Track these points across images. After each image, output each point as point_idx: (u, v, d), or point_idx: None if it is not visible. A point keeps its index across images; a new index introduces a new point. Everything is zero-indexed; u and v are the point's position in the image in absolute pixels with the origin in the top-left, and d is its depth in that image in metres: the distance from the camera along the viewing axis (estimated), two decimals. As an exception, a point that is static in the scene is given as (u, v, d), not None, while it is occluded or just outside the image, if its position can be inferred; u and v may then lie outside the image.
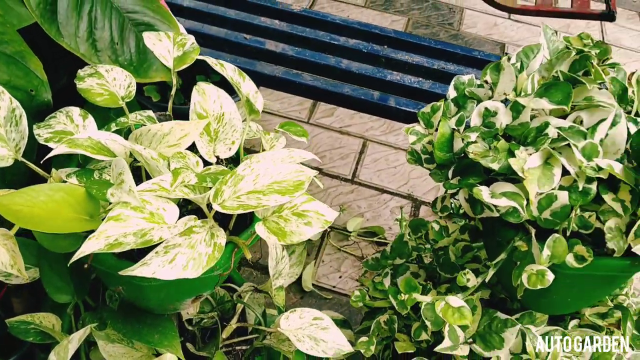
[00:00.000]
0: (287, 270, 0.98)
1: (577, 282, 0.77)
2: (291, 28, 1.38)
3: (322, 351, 0.91)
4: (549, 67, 0.78)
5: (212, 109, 0.75)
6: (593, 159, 0.70)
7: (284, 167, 0.68)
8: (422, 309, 0.93)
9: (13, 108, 0.72)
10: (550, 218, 0.70)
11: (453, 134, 0.76)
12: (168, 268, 0.64)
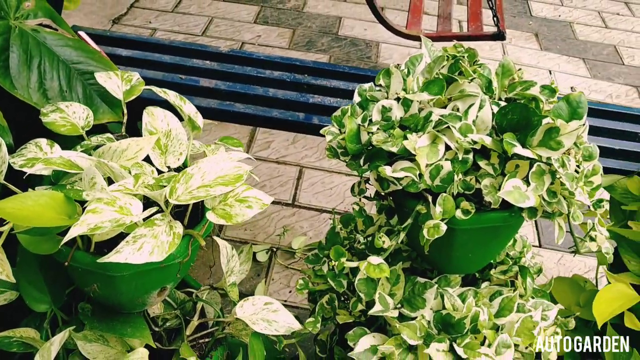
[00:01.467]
0: (237, 267, 1.13)
1: (473, 237, 0.95)
2: (221, 66, 1.56)
3: (274, 330, 1.06)
4: (429, 69, 0.98)
5: (161, 126, 0.91)
6: (468, 135, 0.89)
7: (225, 164, 0.84)
8: (356, 284, 1.09)
9: (-9, 141, 0.86)
10: (440, 184, 0.89)
11: (359, 128, 0.94)
12: (137, 254, 0.79)
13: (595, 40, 3.61)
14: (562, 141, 0.84)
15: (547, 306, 1.13)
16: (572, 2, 4.02)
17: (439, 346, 1.03)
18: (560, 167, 0.84)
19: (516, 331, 1.09)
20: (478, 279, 1.21)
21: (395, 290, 1.09)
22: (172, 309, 1.11)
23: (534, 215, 0.90)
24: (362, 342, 1.08)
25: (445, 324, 1.07)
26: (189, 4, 3.43)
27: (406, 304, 1.09)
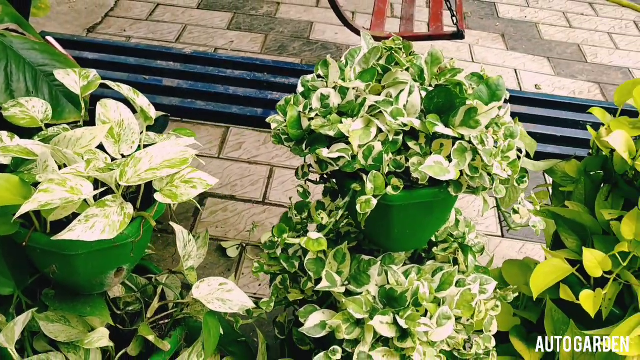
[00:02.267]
0: (195, 252, 1.20)
1: (407, 213, 1.03)
2: (184, 67, 1.63)
3: (228, 308, 1.13)
4: (365, 60, 1.06)
5: (114, 117, 0.97)
6: (398, 118, 0.97)
7: (172, 149, 0.91)
8: (306, 264, 1.17)
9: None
10: (373, 163, 0.96)
11: (299, 115, 1.01)
12: (90, 232, 0.85)
13: (560, 40, 3.72)
14: (479, 120, 0.92)
15: (485, 280, 1.21)
16: (538, 4, 4.14)
17: (382, 319, 1.11)
18: (480, 144, 0.92)
19: (456, 304, 1.16)
20: (424, 258, 1.29)
21: (342, 268, 1.16)
22: (133, 293, 1.17)
23: (459, 189, 0.97)
24: (312, 318, 1.15)
25: (390, 298, 1.14)
26: (163, 12, 3.50)
27: (353, 281, 1.16)
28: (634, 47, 3.73)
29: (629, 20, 4.05)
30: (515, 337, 1.38)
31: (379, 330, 1.10)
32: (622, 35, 3.85)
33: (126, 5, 3.53)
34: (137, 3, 3.56)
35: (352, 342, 1.14)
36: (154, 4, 3.57)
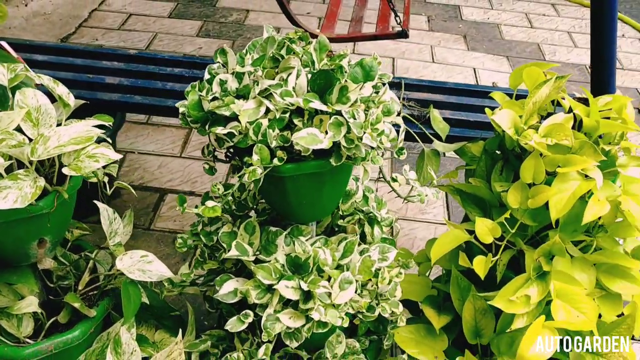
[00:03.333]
0: (121, 229, 1.31)
1: (301, 184, 1.15)
2: (128, 66, 1.75)
3: (148, 277, 1.24)
4: (262, 49, 1.18)
5: (31, 103, 1.09)
6: (285, 98, 1.09)
7: (79, 128, 1.03)
8: (220, 236, 1.28)
9: None
10: (262, 138, 1.08)
11: (200, 99, 1.13)
12: (2, 202, 0.97)
13: (520, 40, 3.85)
14: (350, 97, 1.04)
15: (387, 249, 1.32)
16: (501, 6, 4.28)
17: (287, 283, 1.22)
18: (351, 118, 1.04)
19: (358, 270, 1.28)
20: (335, 232, 1.41)
21: (253, 239, 1.28)
22: (64, 266, 1.29)
23: (339, 159, 1.09)
24: (226, 285, 1.27)
25: (296, 265, 1.26)
26: (135, 21, 3.63)
27: (263, 251, 1.28)
28: (592, 44, 3.84)
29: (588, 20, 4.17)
30: (426, 305, 1.49)
31: (284, 293, 1.21)
32: (581, 34, 3.97)
33: (100, 15, 3.66)
34: (110, 13, 3.70)
35: (264, 306, 1.26)
36: (127, 14, 3.71)
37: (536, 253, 1.25)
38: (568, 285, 1.27)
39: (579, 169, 1.22)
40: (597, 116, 1.31)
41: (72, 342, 1.22)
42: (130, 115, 2.84)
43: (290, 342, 1.27)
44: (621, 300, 1.35)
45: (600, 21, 1.56)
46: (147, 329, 1.47)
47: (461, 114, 1.66)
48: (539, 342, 1.23)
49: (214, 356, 1.43)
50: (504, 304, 1.27)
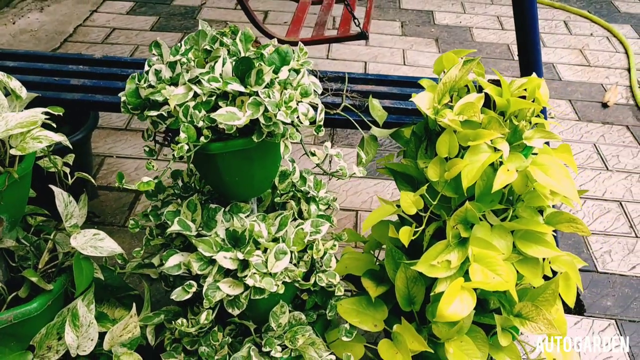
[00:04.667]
0: (77, 212, 1.43)
1: (230, 161, 1.27)
2: (92, 69, 1.89)
3: (99, 252, 1.36)
4: (195, 42, 1.31)
5: (-15, 95, 1.22)
6: (211, 83, 1.21)
7: (25, 114, 1.16)
8: (164, 215, 1.40)
9: None
10: (190, 119, 1.20)
11: (137, 87, 1.26)
12: (-44, 179, 1.10)
13: (490, 41, 3.98)
14: (264, 78, 1.16)
15: (320, 223, 1.44)
16: (473, 10, 4.42)
17: (225, 254, 1.34)
18: (266, 97, 1.16)
19: (292, 241, 1.39)
20: (276, 210, 1.52)
21: (196, 216, 1.40)
22: (24, 246, 1.41)
23: (261, 136, 1.22)
24: (171, 259, 1.39)
25: (235, 239, 1.38)
26: (118, 35, 3.79)
27: (205, 227, 1.40)
28: (561, 44, 3.98)
29: (560, 21, 4.31)
30: (366, 278, 1.60)
31: (223, 263, 1.33)
32: (550, 34, 4.11)
33: (84, 30, 3.82)
34: (95, 28, 3.86)
35: (205, 277, 1.37)
36: (110, 28, 3.86)
37: (452, 220, 1.36)
38: (486, 251, 1.38)
39: (487, 141, 1.33)
40: (508, 95, 1.43)
41: (30, 313, 1.33)
42: (109, 121, 2.98)
43: (232, 310, 1.38)
44: (539, 264, 1.46)
45: (521, 10, 1.68)
46: (107, 307, 1.59)
47: (400, 102, 1.78)
48: (458, 301, 1.34)
49: (169, 330, 1.55)
50: (426, 268, 1.38)
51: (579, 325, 2.09)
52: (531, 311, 1.48)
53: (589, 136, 3.08)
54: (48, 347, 1.41)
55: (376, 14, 4.27)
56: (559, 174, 1.34)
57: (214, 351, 1.47)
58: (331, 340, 1.61)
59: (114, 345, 1.46)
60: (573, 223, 1.41)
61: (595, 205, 2.62)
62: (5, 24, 3.83)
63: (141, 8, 4.15)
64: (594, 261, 2.35)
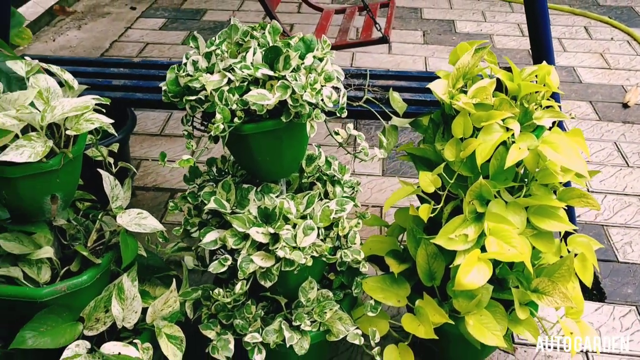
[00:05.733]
0: (122, 194, 1.57)
1: (262, 141, 1.39)
2: (131, 71, 2.04)
3: (142, 229, 1.49)
4: (228, 35, 1.44)
5: (42, 85, 1.37)
6: (244, 70, 1.34)
7: (78, 100, 1.30)
8: (202, 195, 1.53)
9: None
10: (225, 102, 1.33)
11: (177, 76, 1.39)
12: (19, 156, 1.23)
13: (511, 47, 4.07)
14: (291, 63, 1.29)
15: (345, 201, 1.55)
16: (494, 18, 4.51)
17: (258, 229, 1.46)
18: (293, 80, 1.28)
19: (319, 218, 1.50)
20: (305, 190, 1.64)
21: (230, 196, 1.52)
22: (74, 224, 1.55)
23: (289, 117, 1.33)
24: (208, 236, 1.51)
25: (266, 215, 1.49)
26: (152, 49, 3.98)
27: (238, 205, 1.52)
28: (581, 48, 4.05)
29: (580, 27, 4.38)
30: (389, 257, 1.70)
31: (256, 237, 1.45)
32: (571, 40, 4.18)
33: (119, 45, 4.02)
34: (129, 43, 4.06)
35: (240, 251, 1.49)
36: (144, 43, 4.06)
37: (468, 195, 1.46)
38: (501, 225, 1.47)
39: (498, 121, 1.43)
40: (519, 80, 1.53)
41: (81, 284, 1.46)
42: (145, 128, 3.15)
43: (265, 282, 1.49)
44: (552, 237, 1.54)
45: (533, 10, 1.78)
46: (149, 286, 1.71)
47: (419, 95, 1.89)
48: (475, 271, 1.43)
49: (206, 307, 1.66)
50: (444, 241, 1.48)
51: (600, 311, 2.14)
52: (547, 286, 1.56)
53: (610, 135, 3.14)
54: (96, 319, 1.53)
55: (398, 24, 4.40)
56: (569, 151, 1.43)
57: (247, 324, 1.57)
58: (357, 317, 1.70)
59: (155, 318, 1.58)
60: (584, 198, 1.50)
61: (616, 199, 2.68)
62: (46, 41, 4.06)
63: (173, 24, 4.35)
64: (614, 252, 2.40)
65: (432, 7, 4.72)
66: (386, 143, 1.69)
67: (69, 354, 1.44)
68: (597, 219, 2.56)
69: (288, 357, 1.66)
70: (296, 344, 1.58)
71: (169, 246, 1.68)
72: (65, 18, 4.44)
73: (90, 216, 1.60)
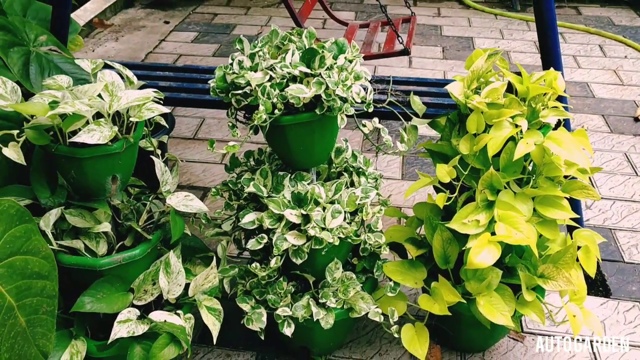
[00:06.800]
0: (170, 179, 1.76)
1: (298, 132, 1.57)
2: (175, 74, 2.25)
3: (189, 209, 1.68)
4: (269, 39, 1.64)
5: (108, 79, 1.57)
6: (283, 68, 1.53)
7: (140, 92, 1.50)
8: (242, 181, 1.71)
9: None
10: (267, 96, 1.52)
11: (224, 74, 1.59)
12: (90, 138, 1.43)
13: (527, 63, 4.24)
14: (326, 62, 1.48)
15: (369, 189, 1.72)
16: (511, 36, 4.69)
17: (291, 211, 1.64)
18: (327, 77, 1.47)
19: (346, 203, 1.68)
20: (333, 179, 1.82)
21: (267, 182, 1.71)
22: (129, 205, 1.74)
23: (322, 110, 1.52)
24: (247, 217, 1.69)
25: (298, 200, 1.67)
26: (184, 60, 4.21)
27: (274, 190, 1.70)
28: (595, 65, 4.21)
29: (595, 45, 4.54)
30: (408, 243, 1.87)
31: (289, 218, 1.63)
32: (586, 57, 4.34)
33: (154, 56, 4.26)
34: (163, 55, 4.30)
35: (275, 231, 1.67)
36: (177, 54, 4.30)
37: (480, 184, 1.63)
38: (509, 212, 1.64)
39: (508, 118, 1.61)
40: (528, 83, 1.70)
41: (134, 257, 1.66)
42: (180, 132, 3.36)
43: (296, 260, 1.66)
44: (557, 225, 1.70)
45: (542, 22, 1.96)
46: (190, 265, 1.90)
47: (437, 99, 2.07)
48: (485, 252, 1.59)
49: (241, 284, 1.84)
50: (458, 225, 1.65)
51: (605, 306, 2.28)
52: (552, 271, 1.72)
53: (620, 146, 3.28)
54: (144, 291, 1.72)
55: (419, 40, 4.60)
56: (571, 147, 1.60)
57: (279, 298, 1.75)
58: (377, 298, 1.87)
59: (196, 292, 1.76)
60: (585, 190, 1.66)
61: (624, 205, 2.82)
62: (85, 51, 4.31)
63: (204, 37, 4.60)
64: (621, 253, 2.54)
65: (451, 25, 4.92)
66: (407, 139, 1.87)
67: (122, 317, 1.62)
68: (606, 223, 2.70)
69: (314, 332, 1.83)
70: (322, 318, 1.75)
71: (208, 231, 1.86)
72: (104, 30, 4.71)
73: (142, 199, 1.79)
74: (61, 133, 1.49)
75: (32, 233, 1.36)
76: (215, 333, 1.71)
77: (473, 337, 1.96)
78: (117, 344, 1.64)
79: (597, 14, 5.18)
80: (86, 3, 4.83)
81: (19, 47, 1.99)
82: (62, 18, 2.25)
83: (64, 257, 1.61)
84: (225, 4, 5.38)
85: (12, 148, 1.47)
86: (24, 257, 1.35)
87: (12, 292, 1.33)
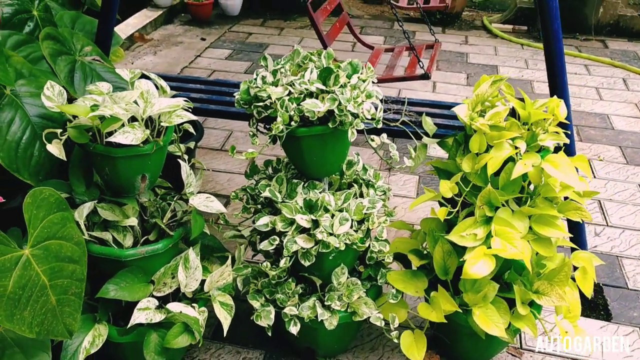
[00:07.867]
0: (194, 182, 1.92)
1: (311, 143, 1.72)
2: (206, 87, 2.43)
3: (209, 209, 1.83)
4: (291, 58, 1.79)
5: (144, 87, 1.75)
6: (302, 85, 1.69)
7: (171, 100, 1.67)
8: (259, 186, 1.86)
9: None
10: (285, 109, 1.67)
11: (248, 88, 1.75)
12: (125, 139, 1.60)
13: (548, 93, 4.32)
14: (340, 81, 1.62)
15: (375, 200, 1.85)
16: (536, 66, 4.79)
17: (302, 216, 1.78)
18: (340, 94, 1.62)
19: (353, 212, 1.81)
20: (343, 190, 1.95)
21: (282, 189, 1.85)
22: (154, 204, 1.90)
23: (334, 123, 1.66)
24: (261, 220, 1.84)
25: (309, 206, 1.81)
26: (217, 76, 4.42)
27: (287, 197, 1.84)
28: (617, 98, 4.28)
29: (619, 78, 4.61)
30: (411, 253, 1.98)
31: (300, 222, 1.76)
32: (608, 90, 4.41)
33: (189, 71, 4.48)
34: (198, 70, 4.51)
35: (286, 234, 1.81)
36: (211, 70, 4.51)
37: (479, 200, 1.75)
38: (506, 228, 1.74)
39: (508, 140, 1.72)
40: (530, 109, 1.82)
41: (157, 250, 1.81)
42: (208, 143, 3.54)
43: (304, 261, 1.80)
44: (551, 243, 1.80)
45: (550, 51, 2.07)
46: (208, 263, 2.04)
47: (448, 120, 2.20)
48: (480, 263, 1.70)
49: (253, 283, 1.98)
50: (457, 238, 1.76)
51: (604, 329, 2.35)
52: (546, 288, 1.82)
53: (635, 177, 3.35)
54: (164, 283, 1.87)
55: (444, 66, 4.73)
56: (567, 169, 1.71)
57: (287, 298, 1.88)
58: (380, 304, 1.98)
59: (211, 288, 1.90)
60: (579, 211, 1.76)
61: (632, 234, 2.89)
62: (125, 63, 4.55)
63: (238, 55, 4.80)
64: (625, 280, 2.61)
65: (478, 53, 5.04)
66: (415, 155, 2.00)
67: (141, 305, 1.77)
68: (613, 250, 2.77)
69: (318, 332, 1.95)
70: (326, 320, 1.87)
71: (227, 232, 2.01)
72: (143, 44, 4.96)
73: (167, 199, 1.95)
74: (99, 133, 1.66)
75: (68, 221, 1.52)
76: (226, 327, 1.84)
77: (469, 348, 2.06)
78: (135, 330, 1.79)
79: (623, 48, 5.25)
80: (129, 18, 5.09)
81: (66, 56, 2.18)
82: (106, 31, 2.45)
83: (94, 247, 1.77)
84: (260, 24, 5.61)
85: (55, 145, 1.64)
86: (59, 242, 1.51)
87: (47, 272, 1.48)
